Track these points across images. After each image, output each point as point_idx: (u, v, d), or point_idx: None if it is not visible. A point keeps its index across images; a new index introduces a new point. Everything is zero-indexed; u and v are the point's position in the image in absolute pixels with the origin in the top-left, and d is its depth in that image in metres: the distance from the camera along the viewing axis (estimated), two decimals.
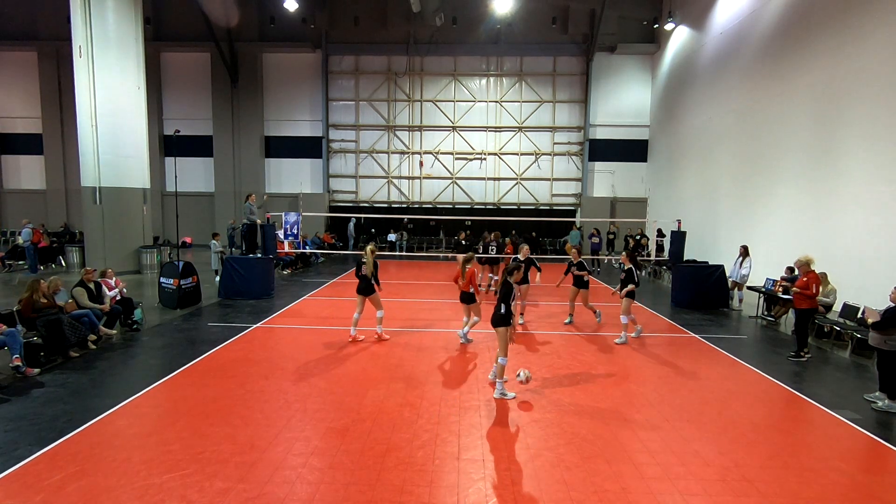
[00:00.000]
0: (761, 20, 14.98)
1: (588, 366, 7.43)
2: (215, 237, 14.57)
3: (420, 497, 4.07)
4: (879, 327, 6.09)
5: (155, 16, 23.30)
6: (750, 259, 11.79)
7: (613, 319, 10.68)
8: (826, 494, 4.26)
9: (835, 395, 6.52)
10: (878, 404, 6.11)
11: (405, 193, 24.54)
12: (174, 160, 22.39)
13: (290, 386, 6.43)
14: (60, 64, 23.16)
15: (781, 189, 13.85)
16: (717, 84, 17.48)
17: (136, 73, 15.06)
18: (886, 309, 6.11)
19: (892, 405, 6.05)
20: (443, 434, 5.16)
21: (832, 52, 12.09)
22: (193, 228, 23.90)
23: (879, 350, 6.21)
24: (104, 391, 6.20)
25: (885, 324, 6.02)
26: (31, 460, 4.51)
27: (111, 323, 8.58)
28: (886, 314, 6.03)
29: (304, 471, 4.41)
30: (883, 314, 6.08)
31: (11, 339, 6.51)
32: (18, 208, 24.38)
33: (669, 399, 6.24)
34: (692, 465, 4.64)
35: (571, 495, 4.13)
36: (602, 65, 23.38)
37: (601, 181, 24.16)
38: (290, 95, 24.17)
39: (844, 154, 11.65)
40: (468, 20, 22.85)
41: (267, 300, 11.83)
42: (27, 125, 24.25)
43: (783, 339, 9.24)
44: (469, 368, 7.31)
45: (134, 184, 15.24)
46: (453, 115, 24.00)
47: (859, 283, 10.62)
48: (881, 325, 6.06)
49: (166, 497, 3.99)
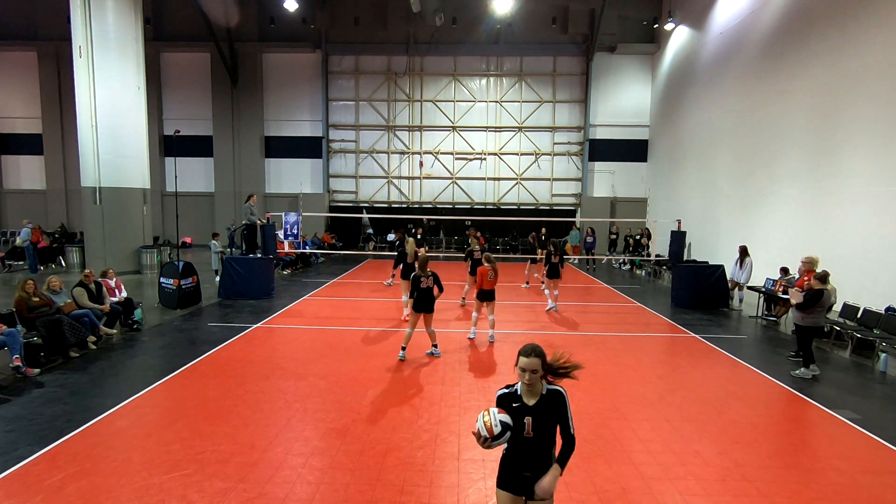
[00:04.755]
0: (761, 20, 14.98)
1: (588, 366, 7.43)
2: (215, 237, 14.57)
3: (420, 497, 4.06)
4: (802, 307, 7.04)
5: (155, 16, 23.29)
6: (750, 259, 11.78)
7: (615, 319, 10.69)
8: (826, 494, 4.25)
9: (835, 394, 6.52)
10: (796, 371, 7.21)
11: (405, 193, 24.53)
12: (174, 160, 22.40)
13: (290, 386, 6.43)
14: (60, 64, 23.14)
15: (781, 189, 13.85)
16: (716, 84, 17.47)
17: (136, 73, 15.06)
18: (807, 291, 7.05)
19: (805, 372, 7.12)
20: (443, 434, 5.16)
21: (832, 52, 12.09)
22: (193, 228, 23.90)
23: (798, 325, 7.22)
24: (104, 391, 6.20)
25: (806, 304, 6.99)
26: (31, 460, 4.51)
27: (111, 323, 8.58)
28: (807, 296, 6.98)
29: (304, 471, 4.41)
30: (805, 296, 7.02)
31: (11, 340, 6.51)
32: (18, 208, 24.36)
33: (669, 399, 6.24)
34: (692, 465, 4.64)
35: (571, 495, 4.13)
36: (602, 65, 23.37)
37: (601, 181, 24.15)
38: (290, 95, 24.16)
39: (844, 154, 11.65)
40: (468, 20, 22.85)
41: (267, 300, 11.83)
42: (27, 125, 24.23)
43: (783, 339, 9.24)
44: (469, 368, 7.30)
45: (134, 184, 15.24)
46: (453, 115, 23.99)
47: (859, 283, 10.62)
48: (804, 305, 7.02)
49: (166, 497, 3.99)
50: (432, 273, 7.52)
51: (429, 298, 7.48)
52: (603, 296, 13.58)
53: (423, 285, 7.44)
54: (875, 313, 8.61)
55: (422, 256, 7.64)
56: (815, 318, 7.10)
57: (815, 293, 6.95)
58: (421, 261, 7.55)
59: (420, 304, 7.46)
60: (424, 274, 7.45)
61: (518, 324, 10.02)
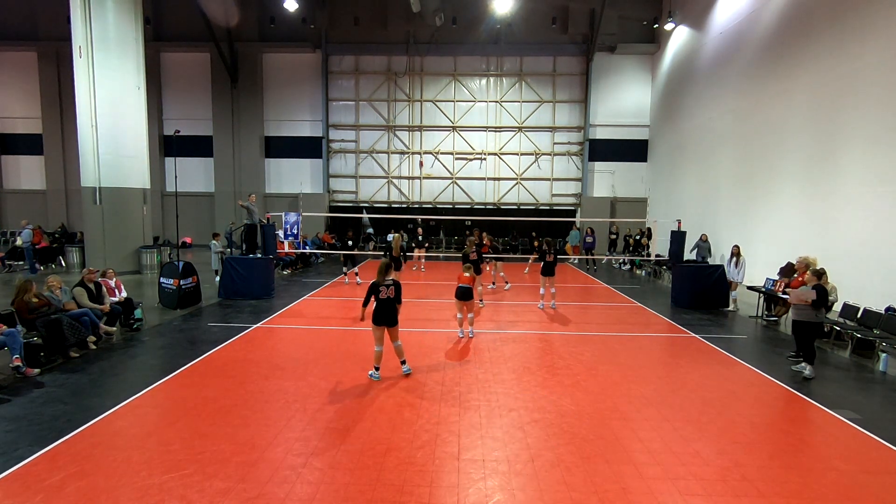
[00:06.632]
0: (761, 20, 14.98)
1: (588, 366, 7.43)
2: (215, 237, 14.57)
3: (420, 497, 4.06)
4: (818, 304, 6.98)
5: (155, 16, 23.31)
6: (743, 259, 11.77)
7: (615, 319, 10.69)
8: (826, 494, 4.26)
9: (835, 394, 6.52)
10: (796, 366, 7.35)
11: (405, 193, 24.53)
12: (174, 160, 22.42)
13: (290, 386, 6.43)
14: (60, 64, 23.16)
15: (781, 189, 13.85)
16: (716, 84, 17.48)
17: (136, 73, 15.06)
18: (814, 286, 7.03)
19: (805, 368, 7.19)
20: (443, 434, 5.16)
21: (832, 53, 12.09)
22: (193, 228, 23.91)
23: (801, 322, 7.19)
24: (104, 391, 6.20)
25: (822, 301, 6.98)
26: (31, 460, 4.51)
27: (111, 323, 8.58)
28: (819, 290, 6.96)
29: (304, 471, 4.41)
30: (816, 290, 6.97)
31: (11, 340, 6.51)
32: (18, 208, 24.38)
33: (669, 399, 6.24)
34: (692, 465, 4.64)
35: (571, 495, 4.13)
36: (602, 65, 23.38)
37: (601, 181, 24.16)
38: (290, 95, 24.17)
39: (844, 154, 11.65)
40: (468, 20, 22.85)
41: (267, 300, 11.83)
42: (27, 125, 24.25)
43: (783, 339, 9.24)
44: (469, 368, 7.30)
45: (134, 184, 15.24)
46: (453, 115, 23.99)
47: (859, 283, 10.62)
48: (819, 302, 6.96)
49: (166, 497, 3.99)
50: (394, 281, 6.61)
51: (390, 309, 6.49)
52: (603, 296, 13.58)
53: (383, 295, 6.44)
54: (875, 313, 8.61)
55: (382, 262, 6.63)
56: (809, 314, 7.09)
57: (822, 288, 7.01)
58: (381, 266, 6.51)
59: (380, 316, 6.48)
60: (384, 282, 6.47)
61: (518, 324, 10.02)
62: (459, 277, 8.70)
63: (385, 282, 6.49)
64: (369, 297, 6.56)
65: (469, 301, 8.73)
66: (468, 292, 8.65)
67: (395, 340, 6.76)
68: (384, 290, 6.48)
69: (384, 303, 6.49)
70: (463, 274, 8.68)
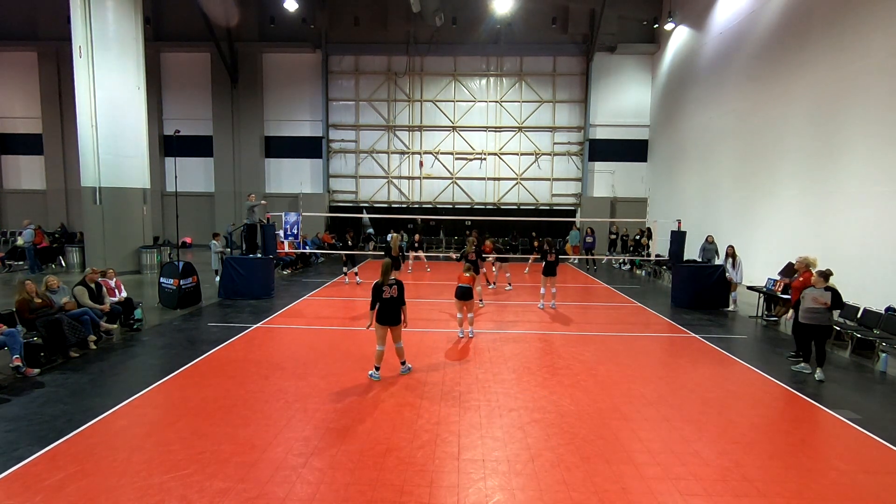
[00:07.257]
0: (761, 20, 14.97)
1: (588, 366, 7.43)
2: (215, 237, 14.56)
3: (420, 497, 4.06)
4: (834, 307, 6.96)
5: (155, 16, 23.30)
6: (739, 260, 11.75)
7: (615, 319, 10.69)
8: (826, 494, 4.26)
9: (835, 394, 6.52)
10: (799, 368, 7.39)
11: (405, 193, 24.53)
12: (174, 160, 22.42)
13: (290, 386, 6.43)
14: (60, 64, 23.15)
15: (782, 189, 13.84)
16: (717, 84, 17.47)
17: (136, 73, 15.06)
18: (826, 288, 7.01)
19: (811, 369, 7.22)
20: (443, 434, 5.16)
21: (832, 53, 12.09)
22: (193, 228, 23.90)
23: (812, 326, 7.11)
24: (104, 391, 6.20)
25: (837, 303, 6.97)
26: (31, 460, 4.51)
27: (111, 322, 8.57)
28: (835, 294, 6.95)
29: (304, 471, 4.41)
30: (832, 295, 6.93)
31: (11, 340, 6.51)
32: (18, 208, 24.37)
33: (669, 399, 6.24)
34: (692, 465, 4.64)
35: (571, 495, 4.13)
36: (602, 65, 23.37)
37: (601, 181, 24.15)
38: (290, 95, 24.16)
39: (845, 154, 11.64)
40: (468, 20, 22.84)
41: (267, 300, 11.83)
42: (27, 125, 24.24)
43: (783, 340, 9.24)
44: (470, 368, 7.30)
45: (134, 184, 15.24)
46: (453, 115, 23.99)
47: (859, 282, 10.61)
48: (836, 305, 6.95)
49: (166, 497, 3.99)
50: (396, 281, 6.64)
51: (393, 309, 6.55)
52: (603, 296, 13.58)
53: (386, 294, 6.49)
54: (875, 313, 8.61)
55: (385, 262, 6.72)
56: (822, 317, 7.08)
57: (836, 290, 7.02)
58: (384, 266, 6.60)
59: (383, 315, 6.53)
60: (387, 281, 6.53)
61: (518, 324, 10.02)
62: (459, 277, 8.71)
63: (388, 281, 6.55)
64: (375, 299, 6.55)
65: (469, 301, 8.74)
66: (468, 292, 8.66)
67: (397, 341, 6.81)
68: (387, 289, 6.53)
69: (387, 302, 6.54)
70: (463, 274, 8.70)
